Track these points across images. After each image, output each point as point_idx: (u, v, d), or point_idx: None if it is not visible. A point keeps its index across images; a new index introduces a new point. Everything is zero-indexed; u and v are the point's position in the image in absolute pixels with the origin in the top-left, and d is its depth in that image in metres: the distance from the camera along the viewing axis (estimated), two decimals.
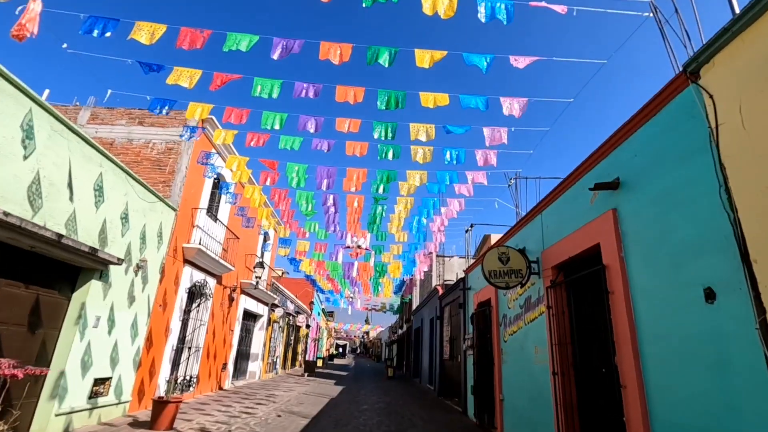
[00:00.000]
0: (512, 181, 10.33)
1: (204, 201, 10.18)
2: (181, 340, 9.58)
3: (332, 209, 9.16)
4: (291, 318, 22.06)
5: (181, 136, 8.37)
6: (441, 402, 11.95)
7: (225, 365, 12.31)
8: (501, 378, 7.36)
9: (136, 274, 7.40)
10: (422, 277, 16.46)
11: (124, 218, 6.98)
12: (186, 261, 9.37)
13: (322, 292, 25.88)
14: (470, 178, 8.21)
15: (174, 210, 8.74)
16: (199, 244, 9.56)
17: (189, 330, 9.99)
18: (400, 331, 32.30)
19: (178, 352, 9.39)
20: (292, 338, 23.21)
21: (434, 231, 11.04)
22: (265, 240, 16.46)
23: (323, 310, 44.35)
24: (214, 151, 10.17)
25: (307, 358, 25.44)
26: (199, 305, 10.40)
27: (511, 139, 6.65)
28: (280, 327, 19.48)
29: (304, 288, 26.93)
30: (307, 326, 28.98)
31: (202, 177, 9.78)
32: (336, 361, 45.69)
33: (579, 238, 4.89)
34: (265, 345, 16.80)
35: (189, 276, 9.51)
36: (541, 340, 5.70)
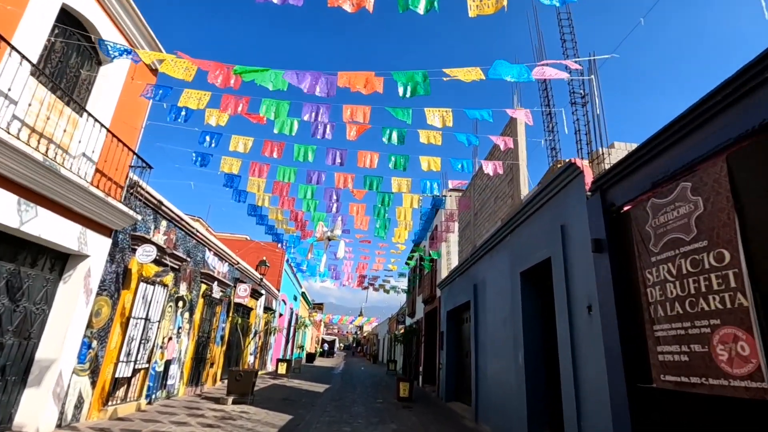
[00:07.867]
0: None
1: None
2: None
3: None
4: (222, 289, 11.84)
5: None
6: None
7: None
8: None
9: None
10: (495, 174, 6.51)
11: None
12: None
13: (288, 250, 15.71)
14: None
15: None
16: None
17: None
18: (409, 321, 22.14)
19: None
20: (226, 327, 12.92)
21: None
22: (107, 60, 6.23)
23: (304, 294, 34.05)
24: None
25: (237, 368, 14.45)
26: None
27: None
28: (180, 299, 9.30)
29: (255, 243, 16.69)
30: (269, 310, 18.73)
31: None
32: (319, 362, 35.11)
33: None
34: (108, 336, 6.67)
35: None
36: None
